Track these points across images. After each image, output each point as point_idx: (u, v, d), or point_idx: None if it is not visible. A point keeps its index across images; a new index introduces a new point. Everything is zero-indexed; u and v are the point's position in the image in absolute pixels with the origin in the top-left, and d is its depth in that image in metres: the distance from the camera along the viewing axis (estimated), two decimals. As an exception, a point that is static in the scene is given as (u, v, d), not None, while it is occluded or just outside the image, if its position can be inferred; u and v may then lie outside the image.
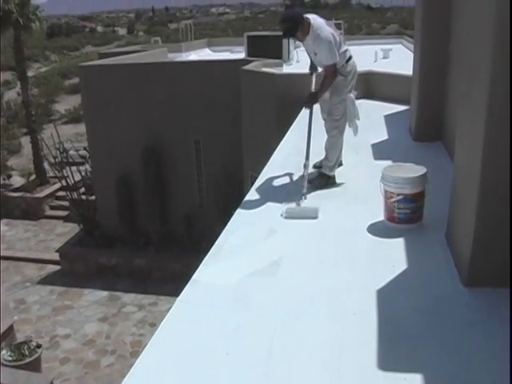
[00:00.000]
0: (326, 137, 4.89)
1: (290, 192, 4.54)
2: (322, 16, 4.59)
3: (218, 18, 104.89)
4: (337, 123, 4.65)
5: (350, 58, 4.62)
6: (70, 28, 74.63)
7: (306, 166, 4.50)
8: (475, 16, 2.95)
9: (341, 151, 4.81)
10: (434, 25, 5.72)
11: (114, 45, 50.82)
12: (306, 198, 4.28)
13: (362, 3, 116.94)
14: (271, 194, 4.55)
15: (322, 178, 4.72)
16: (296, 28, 4.34)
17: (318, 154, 4.96)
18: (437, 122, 5.84)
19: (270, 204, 4.32)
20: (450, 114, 5.41)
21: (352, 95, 4.66)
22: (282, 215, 4.02)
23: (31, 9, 16.32)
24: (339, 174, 4.93)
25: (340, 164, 4.99)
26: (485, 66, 2.62)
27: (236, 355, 2.47)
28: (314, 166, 5.04)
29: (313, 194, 4.45)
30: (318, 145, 4.88)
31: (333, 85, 4.57)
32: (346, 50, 4.57)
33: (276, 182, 4.84)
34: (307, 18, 4.38)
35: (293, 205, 4.18)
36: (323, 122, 4.92)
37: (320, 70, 4.77)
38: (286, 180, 4.88)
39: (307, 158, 4.58)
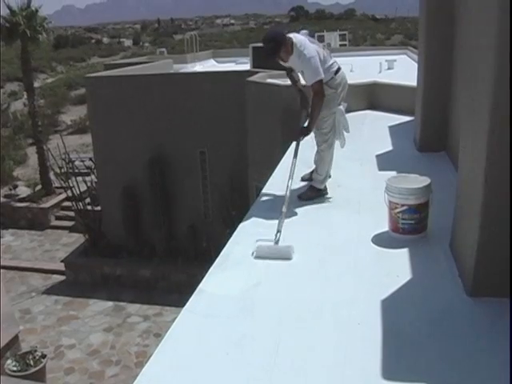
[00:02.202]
0: (315, 149, 4.95)
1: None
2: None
3: (223, 29, 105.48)
4: (326, 137, 4.63)
5: (339, 69, 4.60)
6: (77, 39, 75.16)
7: (286, 201, 4.14)
8: (477, 28, 2.98)
9: (330, 164, 4.78)
10: (437, 36, 5.75)
11: (120, 56, 51.13)
12: (280, 234, 3.81)
13: (366, 14, 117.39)
14: (276, 204, 4.56)
15: (313, 192, 4.73)
16: (279, 48, 4.29)
17: (308, 167, 5.02)
18: (441, 132, 5.86)
19: (274, 215, 4.33)
20: (454, 125, 5.43)
21: (342, 107, 4.65)
22: (252, 254, 3.62)
23: (38, 20, 16.47)
24: (344, 184, 4.95)
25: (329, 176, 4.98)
26: (487, 78, 2.65)
27: (241, 365, 2.48)
28: (302, 179, 5.07)
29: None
30: (308, 157, 4.93)
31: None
32: (332, 63, 4.55)
33: (281, 193, 4.85)
34: (289, 38, 4.34)
35: (266, 242, 3.72)
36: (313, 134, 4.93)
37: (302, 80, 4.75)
38: (291, 191, 4.88)
39: (287, 189, 4.27)
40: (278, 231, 3.83)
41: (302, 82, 4.78)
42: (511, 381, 2.21)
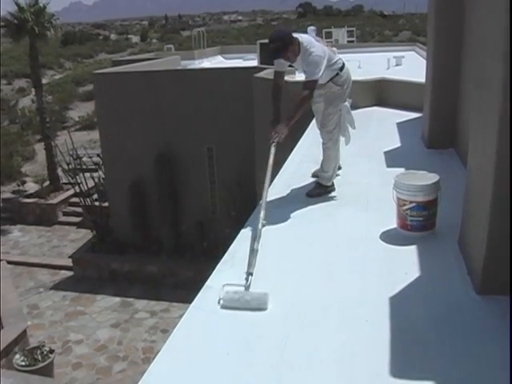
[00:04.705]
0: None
1: (295, 199, 4.56)
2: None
3: (230, 25, 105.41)
4: (330, 134, 4.57)
5: (343, 66, 4.54)
6: (84, 36, 75.32)
7: (258, 236, 3.57)
8: (486, 25, 2.95)
9: (337, 160, 4.74)
10: (446, 32, 5.72)
11: (128, 52, 51.25)
12: (251, 277, 3.16)
13: (374, 10, 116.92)
14: (284, 200, 4.56)
15: (320, 189, 4.69)
16: (286, 48, 4.18)
17: (300, 163, 5.00)
18: (450, 129, 5.83)
19: (282, 211, 4.32)
20: (462, 121, 5.40)
21: (347, 103, 4.61)
22: (219, 302, 2.96)
23: (46, 17, 16.54)
24: (352, 181, 4.93)
25: (339, 167, 4.92)
26: (496, 76, 2.63)
27: (249, 362, 2.47)
28: (313, 175, 5.02)
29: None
30: (300, 154, 4.91)
31: (329, 95, 4.52)
32: (337, 60, 4.49)
33: (288, 190, 4.85)
34: (296, 38, 4.23)
35: (236, 288, 3.05)
36: (318, 131, 4.84)
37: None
38: (299, 188, 4.88)
39: (260, 221, 3.72)
40: (250, 274, 3.18)
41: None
42: (511, 380, 2.20)
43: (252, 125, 10.34)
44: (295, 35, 4.28)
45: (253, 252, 3.40)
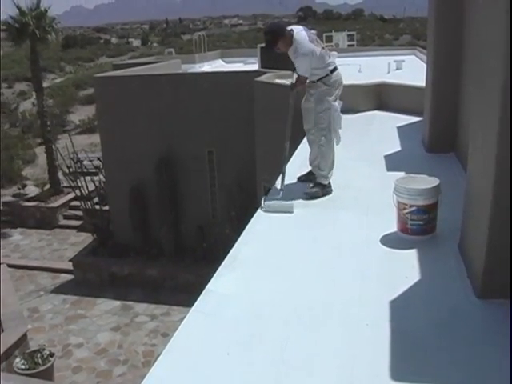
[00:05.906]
0: (309, 149, 5.05)
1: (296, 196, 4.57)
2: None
3: (231, 29, 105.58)
4: (324, 132, 4.75)
5: (335, 69, 4.75)
6: (85, 39, 75.45)
7: (284, 161, 4.82)
8: (486, 26, 2.96)
9: (333, 159, 4.86)
10: (446, 36, 5.73)
11: (128, 56, 51.27)
12: (282, 192, 4.63)
13: (374, 14, 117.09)
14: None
15: (318, 188, 4.79)
16: (276, 40, 4.53)
17: (301, 167, 5.02)
18: (450, 133, 5.83)
19: (283, 215, 4.33)
20: (463, 126, 5.41)
21: (337, 104, 4.76)
22: (261, 208, 4.40)
23: (47, 21, 16.56)
24: (352, 185, 4.94)
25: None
26: (496, 78, 2.63)
27: (249, 365, 2.48)
28: (299, 179, 5.17)
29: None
30: (302, 157, 4.94)
31: (317, 94, 4.73)
32: (330, 62, 4.70)
33: (289, 193, 4.85)
34: (291, 31, 4.55)
35: (272, 200, 4.49)
36: (306, 133, 5.07)
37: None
38: (299, 191, 4.89)
39: (286, 150, 4.82)
40: (281, 190, 4.64)
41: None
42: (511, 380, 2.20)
43: (253, 128, 10.35)
44: (293, 28, 4.62)
45: (282, 174, 4.75)
